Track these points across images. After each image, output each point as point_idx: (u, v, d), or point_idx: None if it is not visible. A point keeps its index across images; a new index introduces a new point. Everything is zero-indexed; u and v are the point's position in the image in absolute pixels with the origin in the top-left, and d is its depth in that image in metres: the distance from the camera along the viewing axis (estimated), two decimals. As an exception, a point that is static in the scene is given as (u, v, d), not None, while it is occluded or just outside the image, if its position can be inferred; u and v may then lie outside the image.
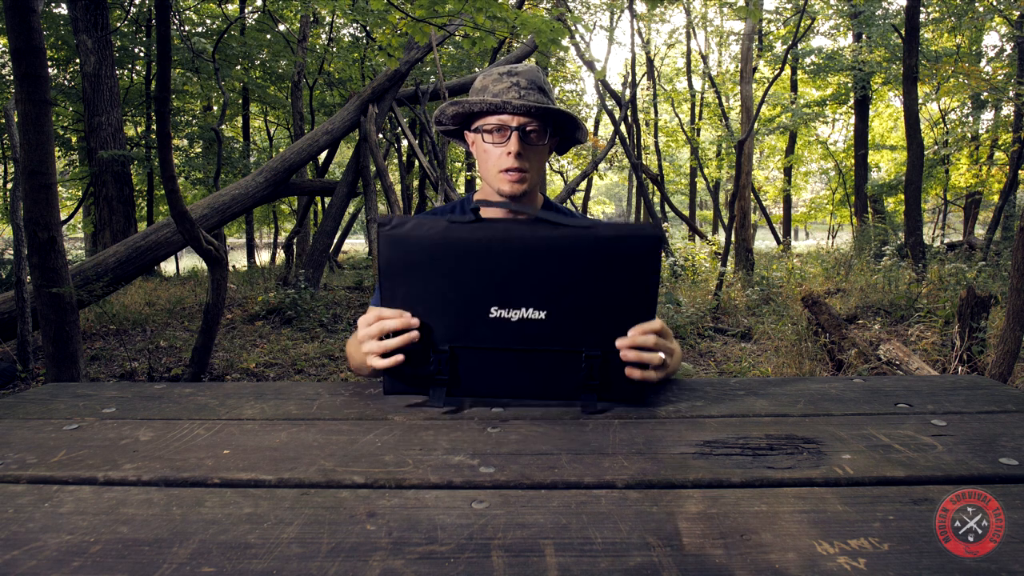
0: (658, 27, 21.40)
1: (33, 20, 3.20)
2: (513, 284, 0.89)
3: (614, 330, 0.90)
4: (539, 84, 1.18)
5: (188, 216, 3.89)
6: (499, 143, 1.17)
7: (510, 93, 1.15)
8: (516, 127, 1.15)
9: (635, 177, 11.67)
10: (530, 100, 1.15)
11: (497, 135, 1.17)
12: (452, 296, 0.91)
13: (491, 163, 1.19)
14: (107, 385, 1.14)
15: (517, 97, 1.15)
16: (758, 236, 19.85)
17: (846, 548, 0.55)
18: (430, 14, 4.16)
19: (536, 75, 1.19)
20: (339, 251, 14.37)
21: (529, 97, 1.16)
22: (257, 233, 17.95)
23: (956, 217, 18.17)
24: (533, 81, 1.18)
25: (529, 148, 1.18)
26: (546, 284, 0.89)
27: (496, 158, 1.18)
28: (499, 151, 1.17)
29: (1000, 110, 12.52)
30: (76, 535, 0.60)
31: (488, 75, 1.19)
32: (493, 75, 1.19)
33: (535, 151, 1.19)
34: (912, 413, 0.91)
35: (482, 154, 1.21)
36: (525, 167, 1.18)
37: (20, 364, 4.41)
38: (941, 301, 5.63)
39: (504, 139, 1.17)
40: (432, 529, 0.60)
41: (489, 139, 1.18)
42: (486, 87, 1.18)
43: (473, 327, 0.91)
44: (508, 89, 1.16)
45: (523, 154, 1.17)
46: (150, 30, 11.79)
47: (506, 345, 0.91)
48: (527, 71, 1.18)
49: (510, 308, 0.90)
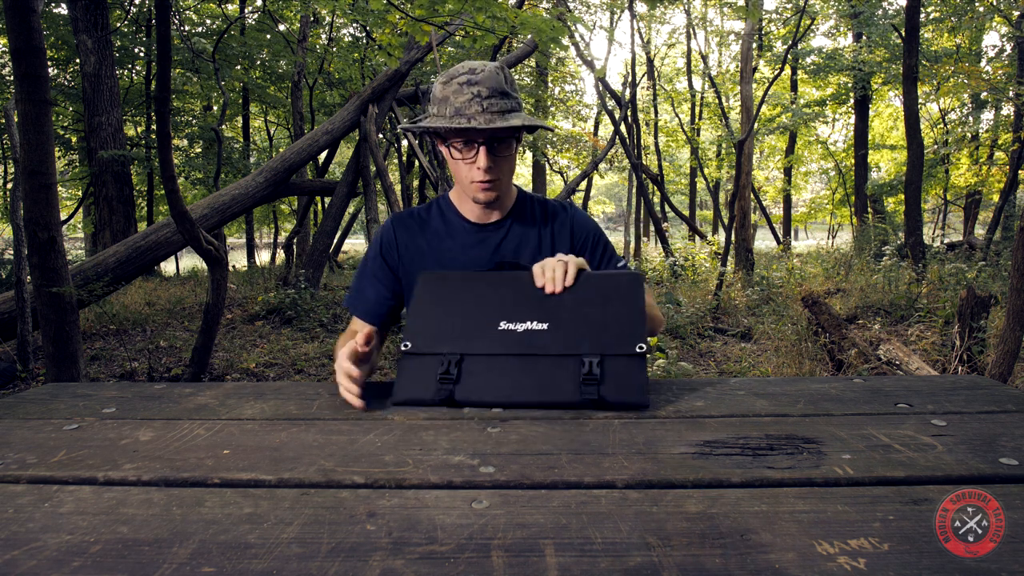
0: (658, 27, 21.39)
1: (33, 20, 3.20)
2: (520, 305, 1.04)
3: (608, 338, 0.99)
4: (501, 89, 1.15)
5: (188, 216, 3.89)
6: (468, 159, 1.19)
7: (472, 106, 1.12)
8: (483, 141, 1.16)
9: (635, 177, 11.66)
10: (494, 111, 1.13)
11: (466, 150, 1.18)
12: (467, 314, 1.04)
13: (462, 175, 1.22)
14: (107, 385, 1.14)
15: (480, 110, 1.12)
16: (758, 236, 19.84)
17: (846, 548, 0.55)
18: (430, 14, 4.16)
19: (496, 79, 1.15)
20: (339, 251, 14.35)
21: (493, 108, 1.13)
22: (257, 233, 17.94)
23: (956, 217, 18.17)
24: (494, 88, 1.14)
25: (498, 158, 1.19)
26: (549, 306, 1.03)
27: (467, 171, 1.20)
28: (469, 166, 1.19)
29: (1000, 110, 12.52)
30: (76, 535, 0.60)
31: (448, 84, 1.15)
32: (453, 85, 1.15)
33: (504, 160, 1.21)
34: (912, 413, 0.91)
35: (453, 164, 1.23)
36: (496, 177, 1.20)
37: (20, 364, 4.41)
38: (941, 301, 5.63)
39: (472, 154, 1.18)
40: (432, 529, 0.60)
41: (458, 155, 1.19)
42: (447, 98, 1.15)
43: (482, 338, 1.01)
44: (470, 102, 1.12)
45: (492, 166, 1.18)
46: (150, 30, 11.79)
47: (511, 351, 0.99)
48: (487, 77, 1.14)
49: (516, 322, 1.02)
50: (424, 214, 1.34)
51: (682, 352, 5.30)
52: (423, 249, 1.30)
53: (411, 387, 0.98)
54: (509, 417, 0.91)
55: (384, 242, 1.32)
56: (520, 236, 1.31)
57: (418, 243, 1.30)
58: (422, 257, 1.30)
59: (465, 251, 1.29)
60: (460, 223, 1.31)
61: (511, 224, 1.31)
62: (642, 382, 0.94)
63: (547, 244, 1.32)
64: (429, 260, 1.29)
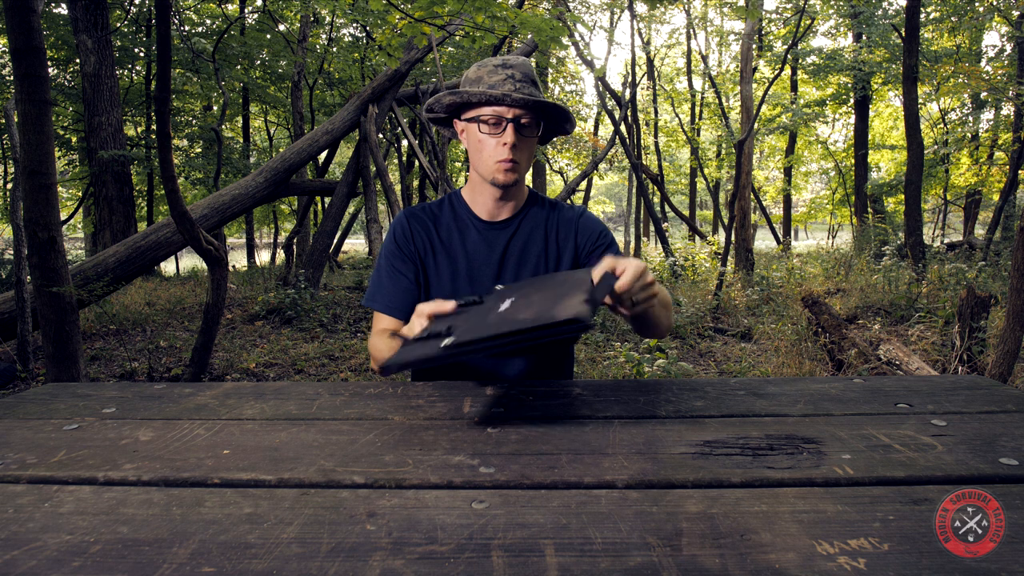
0: (658, 27, 21.40)
1: (33, 20, 3.20)
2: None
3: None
4: (532, 78, 1.22)
5: (188, 216, 3.89)
6: (495, 134, 1.21)
7: (506, 85, 1.19)
8: (512, 119, 1.19)
9: (635, 177, 11.66)
10: (525, 93, 1.19)
11: (494, 126, 1.20)
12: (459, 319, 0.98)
13: (486, 153, 1.22)
14: (107, 385, 1.14)
15: (514, 89, 1.18)
16: (758, 236, 19.86)
17: (846, 548, 0.55)
18: (430, 14, 4.16)
19: (529, 69, 1.23)
20: (339, 251, 14.36)
21: (524, 90, 1.19)
22: (257, 233, 17.95)
23: (956, 217, 18.17)
24: (527, 75, 1.21)
25: (522, 140, 1.21)
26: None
27: (492, 148, 1.21)
28: (495, 142, 1.21)
29: (1000, 110, 12.51)
30: (76, 535, 0.60)
31: (483, 66, 1.22)
32: (488, 66, 1.22)
33: (527, 143, 1.23)
34: (912, 413, 0.91)
35: (475, 143, 1.24)
36: (518, 159, 1.22)
37: (20, 364, 4.41)
38: (941, 301, 5.63)
39: (500, 130, 1.20)
40: (432, 529, 0.60)
41: (486, 129, 1.21)
42: (481, 78, 1.21)
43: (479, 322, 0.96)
44: (504, 81, 1.19)
45: (517, 145, 1.21)
46: (150, 30, 11.79)
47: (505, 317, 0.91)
48: (521, 64, 1.22)
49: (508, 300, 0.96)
50: (436, 209, 1.35)
51: (682, 352, 5.30)
52: (434, 242, 1.31)
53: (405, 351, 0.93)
54: (509, 417, 0.91)
55: (399, 233, 1.32)
56: (528, 235, 1.32)
57: (430, 236, 1.32)
58: (433, 251, 1.31)
59: (475, 247, 1.30)
60: (471, 219, 1.32)
61: (520, 222, 1.33)
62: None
63: (552, 244, 1.33)
64: (439, 254, 1.30)
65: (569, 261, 1.33)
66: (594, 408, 0.94)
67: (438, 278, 1.30)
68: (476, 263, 1.29)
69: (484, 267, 1.29)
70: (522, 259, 1.31)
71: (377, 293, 1.31)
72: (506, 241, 1.31)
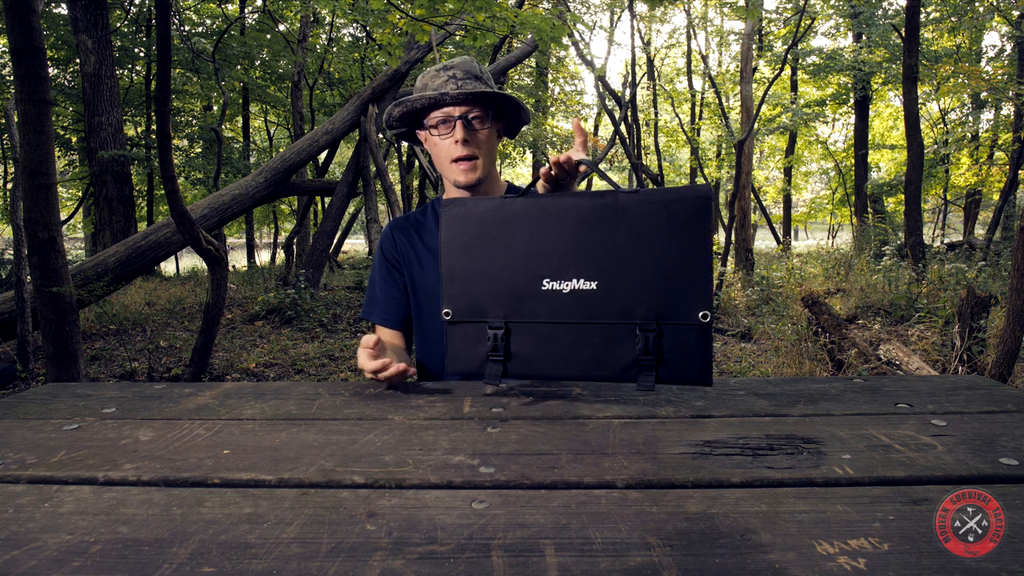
0: (658, 27, 21.41)
1: (33, 20, 3.20)
2: (564, 255, 0.90)
3: (668, 301, 0.87)
4: (474, 73, 1.25)
5: (188, 216, 3.89)
6: (445, 134, 1.24)
7: (448, 86, 1.22)
8: (459, 116, 1.22)
9: (635, 177, 11.66)
10: (467, 88, 1.22)
11: (443, 127, 1.24)
12: (506, 270, 0.93)
13: (442, 155, 1.26)
14: (107, 385, 1.14)
15: (455, 88, 1.21)
16: (758, 236, 19.85)
17: (846, 548, 0.55)
18: (430, 13, 4.16)
19: (470, 65, 1.26)
20: (339, 251, 14.36)
21: (466, 86, 1.22)
22: (257, 233, 17.94)
23: (956, 217, 18.15)
24: (468, 71, 1.24)
25: (474, 133, 1.24)
26: (597, 253, 0.89)
27: (446, 149, 1.25)
28: (447, 142, 1.24)
29: (1000, 110, 12.51)
30: (76, 535, 0.60)
31: (426, 74, 1.27)
32: (430, 72, 1.26)
33: (481, 136, 1.25)
34: (912, 413, 0.91)
35: (434, 149, 1.28)
36: (474, 153, 1.24)
37: (20, 364, 4.41)
38: (941, 301, 5.63)
39: (449, 129, 1.24)
40: (432, 529, 0.60)
41: (436, 132, 1.25)
42: (426, 84, 1.26)
43: (526, 300, 0.93)
44: (446, 82, 1.23)
45: (469, 140, 1.23)
46: (150, 30, 11.78)
47: (560, 319, 0.91)
48: (461, 63, 1.25)
49: (562, 280, 0.91)
50: (420, 217, 1.39)
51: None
52: (419, 249, 1.35)
53: (463, 361, 0.97)
54: (509, 417, 0.91)
55: (385, 246, 1.37)
56: None
57: (414, 244, 1.35)
58: (418, 257, 1.34)
59: None
60: None
61: None
62: (706, 358, 0.87)
63: None
64: (424, 259, 1.34)
65: None
66: (594, 408, 0.94)
67: (424, 282, 1.33)
68: None
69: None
70: None
71: (371, 305, 1.37)
72: None
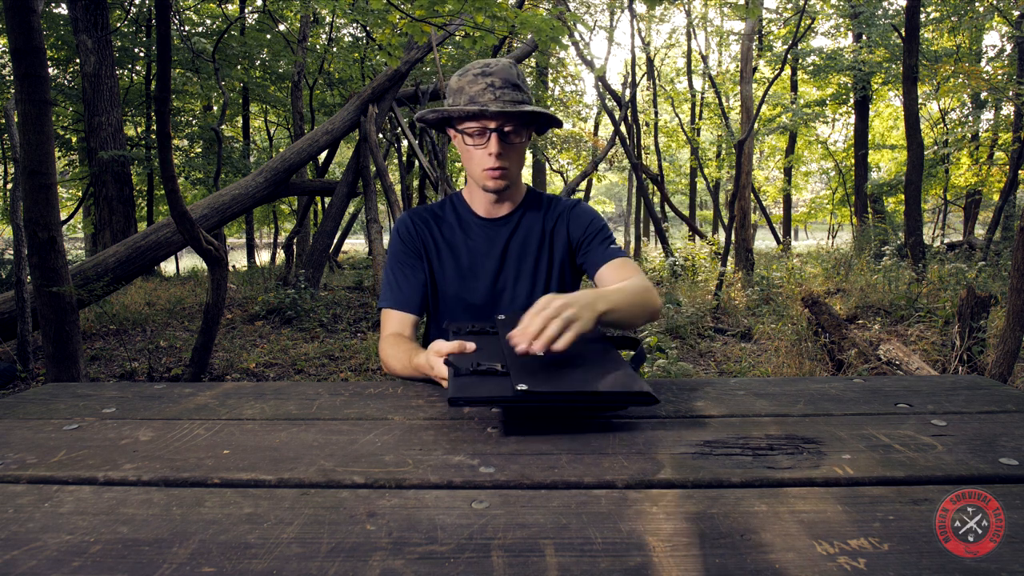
0: (658, 27, 21.42)
1: (33, 20, 3.20)
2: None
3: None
4: (513, 81, 1.21)
5: (188, 216, 3.89)
6: (480, 145, 1.23)
7: (486, 95, 1.19)
8: (495, 128, 1.20)
9: (635, 177, 11.66)
10: (506, 99, 1.19)
11: (478, 137, 1.22)
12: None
13: (474, 162, 1.25)
14: (107, 385, 1.14)
15: (493, 99, 1.19)
16: (758, 236, 19.84)
17: (846, 548, 0.55)
18: (430, 14, 4.16)
19: (509, 72, 1.22)
20: (339, 251, 14.36)
21: (504, 97, 1.19)
22: (257, 233, 17.94)
23: (956, 217, 18.15)
24: (507, 80, 1.21)
25: (508, 147, 1.23)
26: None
27: (479, 158, 1.24)
28: (481, 152, 1.23)
29: (1000, 110, 12.50)
30: (76, 535, 0.60)
31: (464, 75, 1.23)
32: (468, 76, 1.22)
33: (513, 148, 1.25)
34: (912, 413, 0.91)
35: (465, 152, 1.27)
36: (506, 165, 1.24)
37: (20, 364, 4.41)
38: (941, 301, 5.63)
39: (484, 141, 1.22)
40: (432, 529, 0.60)
41: (471, 141, 1.23)
42: (462, 88, 1.22)
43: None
44: (484, 91, 1.19)
45: (503, 153, 1.22)
46: (150, 30, 11.78)
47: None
48: (500, 69, 1.21)
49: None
50: (439, 210, 1.39)
51: (682, 352, 5.30)
52: (438, 241, 1.35)
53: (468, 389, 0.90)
54: (509, 417, 0.91)
55: (403, 232, 1.36)
56: (528, 230, 1.36)
57: (434, 235, 1.35)
58: (437, 248, 1.35)
59: (476, 243, 1.35)
60: (471, 218, 1.36)
61: (520, 218, 1.37)
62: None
63: (547, 238, 1.37)
64: (443, 252, 1.34)
65: (563, 252, 1.36)
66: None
67: (443, 275, 1.34)
68: (478, 258, 1.34)
69: (486, 262, 1.34)
70: (522, 254, 1.35)
71: (389, 292, 1.33)
72: (507, 237, 1.35)
